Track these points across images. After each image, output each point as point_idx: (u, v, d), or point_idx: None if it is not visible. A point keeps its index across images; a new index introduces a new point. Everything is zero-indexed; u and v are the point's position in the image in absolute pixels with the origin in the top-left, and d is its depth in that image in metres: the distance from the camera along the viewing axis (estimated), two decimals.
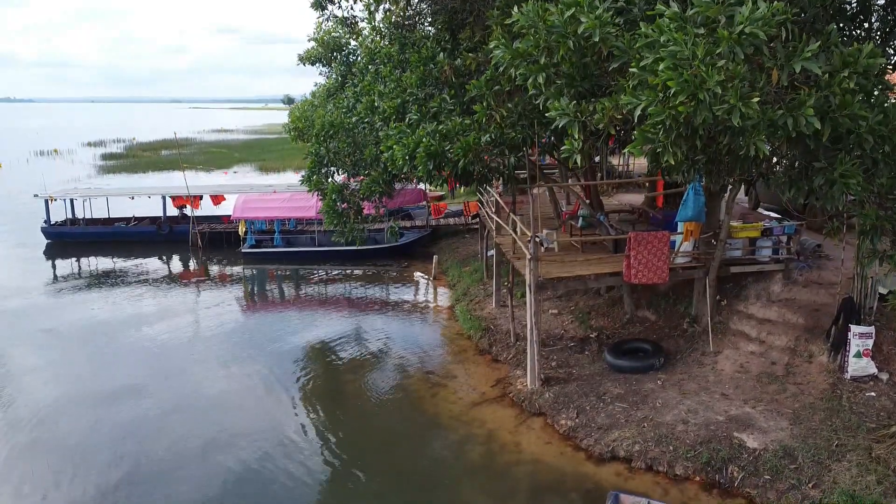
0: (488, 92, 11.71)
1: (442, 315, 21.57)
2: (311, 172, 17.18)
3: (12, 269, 28.18)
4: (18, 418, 14.81)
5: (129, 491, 12.06)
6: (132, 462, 12.98)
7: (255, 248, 29.06)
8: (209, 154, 77.03)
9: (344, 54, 26.36)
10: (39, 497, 11.97)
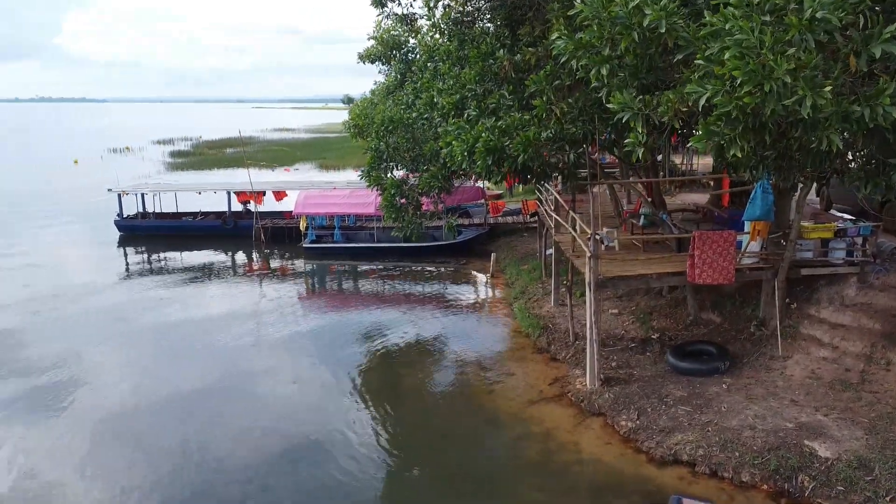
0: (548, 86, 11.55)
1: (499, 313, 21.45)
2: (370, 168, 17.34)
3: (88, 259, 29.47)
4: (93, 405, 15.43)
5: (193, 478, 12.40)
6: (196, 450, 13.34)
7: (315, 244, 29.54)
8: (271, 152, 78.83)
9: (403, 52, 26.55)
10: (115, 484, 12.40)
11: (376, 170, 17.21)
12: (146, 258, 30.59)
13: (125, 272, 27.89)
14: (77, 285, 24.89)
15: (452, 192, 17.39)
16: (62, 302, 22.78)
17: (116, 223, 33.62)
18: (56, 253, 30.37)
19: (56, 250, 30.91)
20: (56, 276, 26.16)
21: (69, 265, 28.14)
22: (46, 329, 20.09)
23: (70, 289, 24.31)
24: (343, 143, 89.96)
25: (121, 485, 12.14)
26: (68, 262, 28.82)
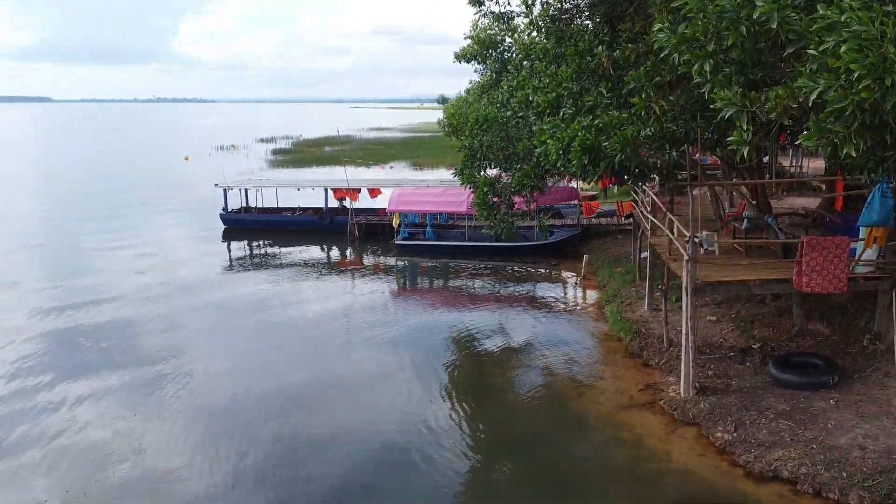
0: (648, 83, 11.21)
1: (590, 315, 21.06)
2: (463, 166, 17.42)
3: (195, 250, 31.09)
4: (198, 393, 16.26)
5: (280, 461, 12.85)
6: (292, 439, 13.80)
7: (407, 241, 29.99)
8: (367, 151, 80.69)
9: (499, 51, 26.50)
10: (220, 469, 12.97)
11: (469, 168, 17.27)
12: (247, 250, 32.00)
13: (228, 263, 29.29)
14: (184, 275, 26.33)
15: (545, 192, 17.19)
16: (170, 290, 24.16)
17: (221, 216, 35.38)
18: (166, 243, 32.30)
19: (166, 241, 32.87)
20: (165, 265, 27.78)
21: (178, 255, 29.84)
22: (156, 317, 21.29)
23: (178, 278, 25.75)
24: (437, 142, 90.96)
25: (225, 470, 12.73)
26: (177, 252, 30.55)
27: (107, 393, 15.74)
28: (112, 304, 22.42)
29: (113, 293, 23.47)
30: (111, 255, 29.20)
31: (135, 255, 29.36)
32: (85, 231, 35.30)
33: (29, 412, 14.82)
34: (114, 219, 38.50)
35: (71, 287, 24.36)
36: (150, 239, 33.03)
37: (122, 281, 25.14)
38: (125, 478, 12.35)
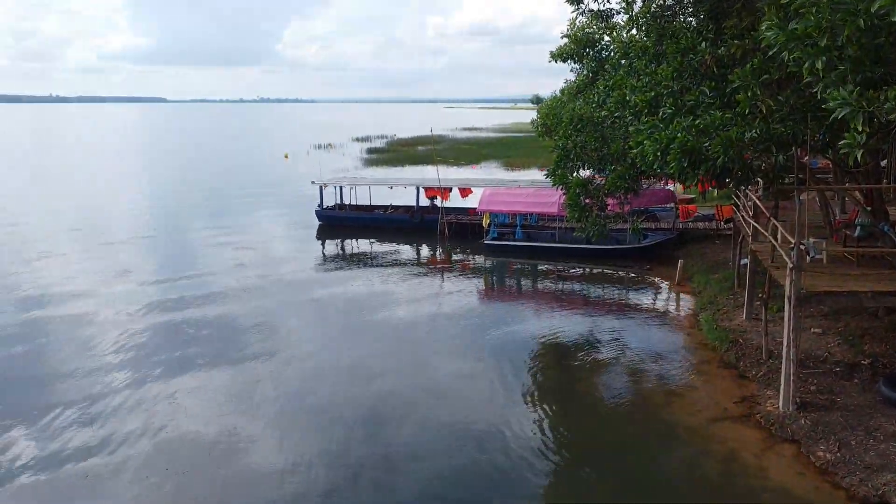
0: (754, 81, 10.69)
1: (683, 323, 20.35)
2: (556, 166, 17.20)
3: (291, 244, 32.31)
4: (289, 379, 16.89)
5: (370, 461, 13.11)
6: (376, 435, 14.08)
7: (496, 241, 29.96)
8: (459, 150, 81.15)
9: (596, 50, 25.97)
10: (302, 450, 13.46)
11: (562, 169, 17.04)
12: (340, 247, 32.88)
13: (322, 259, 30.20)
14: (280, 270, 27.25)
15: (640, 194, 16.74)
16: (267, 284, 25.06)
17: (317, 213, 36.52)
18: (264, 238, 33.64)
19: (264, 236, 34.25)
20: (263, 260, 28.87)
21: (275, 250, 31.02)
22: (252, 310, 22.03)
23: (274, 273, 26.64)
24: (529, 142, 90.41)
25: (306, 450, 13.19)
26: (274, 247, 31.79)
27: (207, 385, 16.37)
28: (212, 296, 23.49)
29: (213, 286, 24.58)
30: (213, 249, 30.68)
31: (235, 248, 30.74)
32: (190, 225, 37.35)
33: (138, 402, 15.75)
34: (217, 213, 40.51)
35: (176, 278, 25.74)
36: (250, 233, 34.51)
37: (222, 274, 26.27)
38: (223, 468, 12.82)
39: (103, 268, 27.21)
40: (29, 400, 15.41)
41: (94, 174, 63.14)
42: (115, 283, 24.88)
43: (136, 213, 40.56)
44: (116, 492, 11.96)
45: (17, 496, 11.90)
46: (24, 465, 12.79)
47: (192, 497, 11.82)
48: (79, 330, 20.03)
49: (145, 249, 30.80)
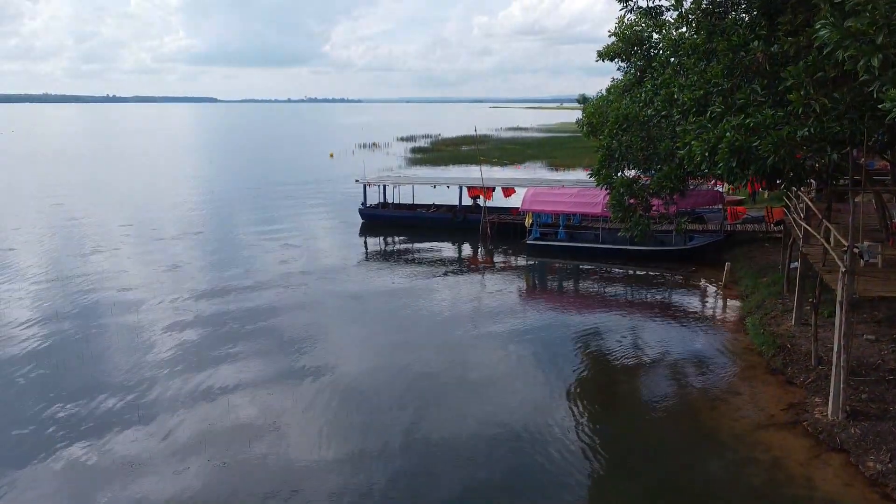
0: (808, 79, 10.38)
1: (729, 327, 19.91)
2: (600, 166, 16.99)
3: (334, 243, 32.67)
4: (332, 376, 17.10)
5: (411, 451, 13.21)
6: (414, 426, 14.18)
7: (539, 241, 29.77)
8: (504, 150, 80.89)
9: (644, 48, 25.59)
10: (346, 448, 13.59)
11: (606, 168, 16.82)
12: (383, 245, 33.15)
13: (364, 256, 30.47)
14: (323, 266, 27.60)
15: (686, 195, 16.42)
16: (310, 279, 25.37)
17: (360, 211, 36.84)
18: (309, 235, 34.12)
19: (309, 233, 34.72)
20: (307, 257, 29.20)
21: (318, 247, 31.42)
22: (296, 306, 22.24)
23: (317, 269, 26.97)
24: (574, 142, 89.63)
25: (346, 448, 13.37)
26: (317, 244, 32.20)
27: (252, 376, 16.73)
28: (257, 292, 23.87)
29: (259, 282, 24.95)
30: (257, 247, 31.10)
31: (280, 245, 31.23)
32: (236, 222, 38.10)
33: (186, 392, 16.19)
34: (262, 211, 41.25)
35: (223, 273, 26.24)
36: (294, 231, 35.00)
37: (267, 270, 26.60)
38: (263, 455, 13.07)
39: (150, 263, 27.90)
40: (78, 387, 16.00)
41: (149, 171, 64.99)
42: (160, 280, 25.45)
43: (186, 210, 41.57)
44: (159, 480, 12.28)
45: (62, 477, 12.34)
46: (70, 447, 13.26)
47: (229, 487, 12.06)
48: (127, 322, 20.66)
49: (193, 246, 31.50)
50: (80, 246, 30.97)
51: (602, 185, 17.27)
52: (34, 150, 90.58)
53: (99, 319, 20.91)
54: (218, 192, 49.68)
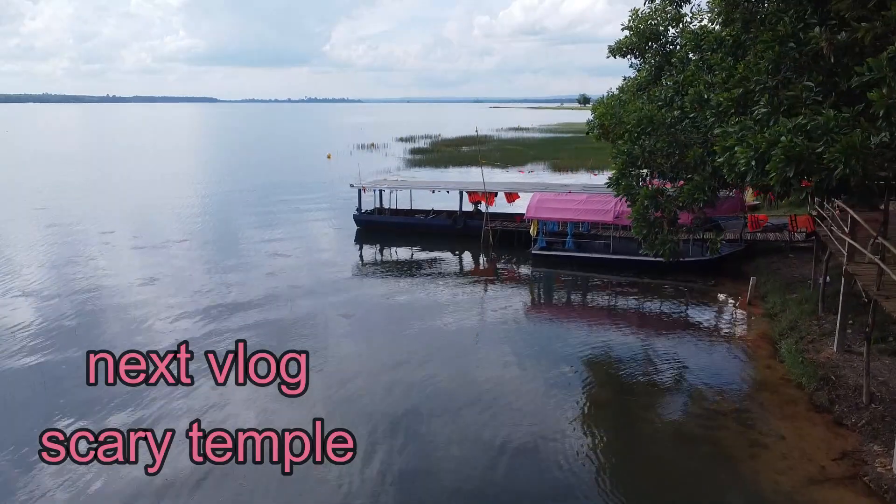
0: (892, 74, 8.39)
1: (760, 352, 17.91)
2: (619, 174, 14.98)
3: (327, 251, 30.64)
4: (332, 396, 15.16)
5: (406, 473, 11.51)
6: (412, 446, 12.90)
7: (544, 251, 27.75)
8: (505, 151, 78.91)
9: (660, 44, 23.64)
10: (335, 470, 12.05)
11: (626, 177, 14.82)
12: (378, 253, 31.17)
13: (358, 267, 28.45)
14: (313, 279, 25.46)
15: (715, 207, 14.45)
16: (298, 295, 23.20)
17: (355, 217, 34.79)
18: (301, 243, 31.95)
19: (301, 240, 32.57)
20: (296, 268, 27.05)
21: (309, 257, 29.16)
22: (278, 327, 20.33)
23: (307, 283, 24.84)
24: (577, 143, 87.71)
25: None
26: (309, 253, 30.00)
27: (234, 398, 14.95)
28: (239, 313, 21.67)
29: (240, 301, 22.54)
30: (246, 256, 29.05)
31: (269, 255, 29.20)
32: (226, 229, 36.03)
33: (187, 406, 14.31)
34: (255, 216, 39.29)
35: (202, 290, 23.87)
36: (286, 239, 32.95)
37: (252, 286, 24.30)
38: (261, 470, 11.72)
39: (123, 276, 25.58)
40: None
41: (138, 174, 62.91)
42: (127, 298, 23.32)
43: (171, 216, 39.45)
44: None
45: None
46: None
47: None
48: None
49: (174, 257, 29.23)
50: (52, 257, 28.98)
51: (621, 195, 15.25)
52: (22, 152, 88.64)
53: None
54: (209, 195, 47.63)
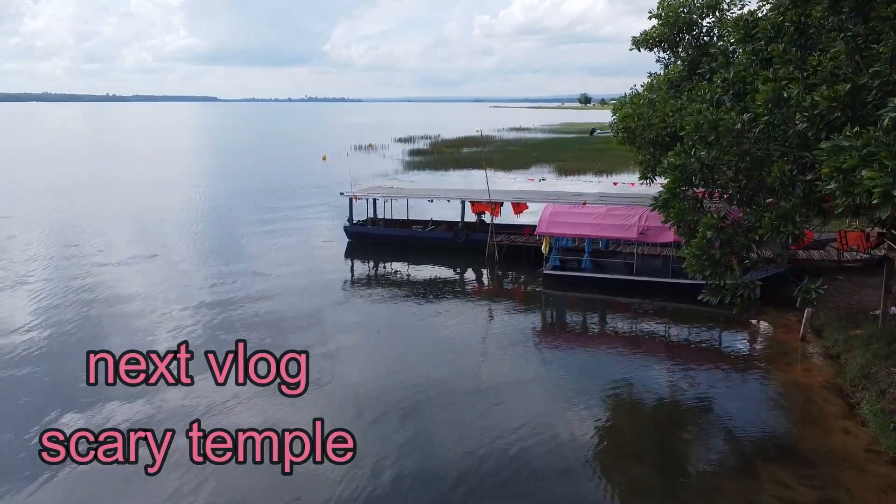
0: None
1: (827, 407, 14.64)
2: (669, 194, 11.72)
3: (313, 269, 27.00)
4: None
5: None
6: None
7: (558, 270, 24.47)
8: (507, 153, 75.66)
9: (693, 35, 20.38)
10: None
11: (679, 199, 11.54)
12: (372, 269, 27.97)
13: (346, 288, 25.20)
14: (294, 304, 22.03)
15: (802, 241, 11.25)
16: (273, 330, 19.72)
17: (346, 229, 31.44)
18: (284, 259, 28.26)
19: (285, 256, 28.88)
20: (276, 291, 23.49)
21: (293, 278, 25.38)
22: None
23: (286, 309, 21.47)
24: (581, 144, 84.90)
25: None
26: (293, 272, 26.26)
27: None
28: (221, 329, 18.92)
29: (205, 335, 19.36)
30: (222, 276, 25.42)
31: (247, 275, 25.78)
32: (204, 242, 32.46)
33: None
34: (238, 226, 36.13)
35: (161, 323, 20.56)
36: (269, 253, 29.59)
37: (223, 314, 21.02)
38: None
39: (69, 309, 21.90)
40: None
41: (120, 178, 59.55)
42: (60, 342, 20.27)
43: (146, 227, 36.14)
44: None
45: None
46: None
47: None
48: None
49: (137, 277, 25.78)
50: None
51: (673, 222, 11.94)
52: (21, 152, 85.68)
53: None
54: (192, 202, 44.25)
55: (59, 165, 69.00)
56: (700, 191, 11.66)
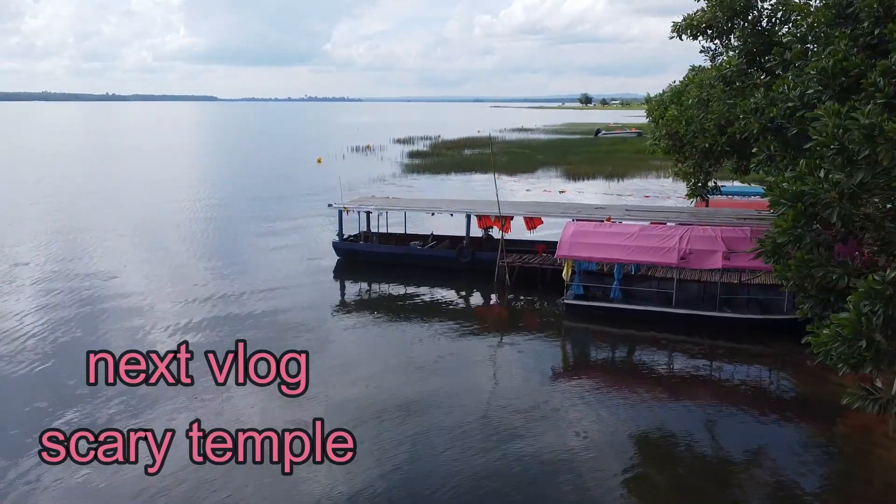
0: None
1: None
2: (791, 233, 8.10)
3: (297, 293, 23.30)
4: None
5: None
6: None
7: (581, 300, 20.78)
8: (512, 155, 72.20)
9: (749, 21, 16.87)
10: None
11: (799, 244, 7.93)
12: (363, 293, 24.46)
13: (336, 310, 21.73)
14: (267, 339, 18.65)
15: None
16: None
17: (335, 245, 27.75)
18: (264, 281, 24.49)
19: (266, 277, 25.10)
20: (249, 323, 20.13)
21: (272, 304, 21.82)
22: (213, 422, 13.98)
23: (259, 345, 18.18)
24: (586, 145, 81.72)
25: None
26: (273, 296, 22.61)
27: None
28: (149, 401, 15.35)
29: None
30: (190, 303, 21.74)
31: (220, 300, 22.26)
32: (178, 257, 28.94)
33: None
34: (219, 238, 32.81)
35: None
36: (249, 273, 26.00)
37: (193, 336, 18.11)
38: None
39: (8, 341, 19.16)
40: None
41: (102, 182, 55.96)
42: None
43: (117, 240, 32.58)
44: None
45: None
46: None
47: None
48: None
49: (91, 305, 22.42)
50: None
51: (789, 277, 8.26)
52: (23, 151, 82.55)
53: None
54: (175, 209, 40.56)
55: (60, 166, 66.05)
56: (830, 231, 8.14)
